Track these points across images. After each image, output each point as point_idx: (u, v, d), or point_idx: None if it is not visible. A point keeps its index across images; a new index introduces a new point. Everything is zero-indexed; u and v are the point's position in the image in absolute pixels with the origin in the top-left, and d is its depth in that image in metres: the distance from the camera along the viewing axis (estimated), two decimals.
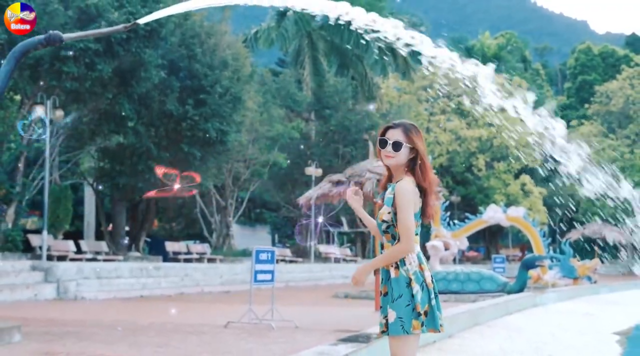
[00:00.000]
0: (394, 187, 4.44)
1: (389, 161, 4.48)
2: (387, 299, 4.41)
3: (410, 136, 4.46)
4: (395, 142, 4.43)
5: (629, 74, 63.65)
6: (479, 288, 20.88)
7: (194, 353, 8.84)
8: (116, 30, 9.05)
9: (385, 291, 4.43)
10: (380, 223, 4.47)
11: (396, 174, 4.51)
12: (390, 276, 4.42)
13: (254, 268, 12.69)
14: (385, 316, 4.39)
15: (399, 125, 4.51)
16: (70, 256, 23.33)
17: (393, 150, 4.44)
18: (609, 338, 13.25)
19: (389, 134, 4.48)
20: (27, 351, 8.69)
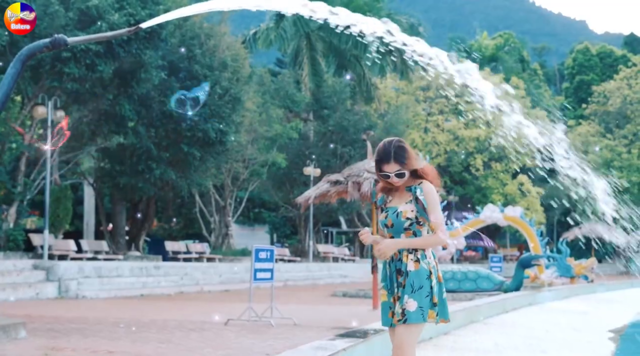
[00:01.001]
0: (420, 189, 4.90)
1: (397, 184, 4.95)
2: (406, 290, 4.77)
3: (406, 162, 4.87)
4: (397, 174, 4.87)
5: (627, 74, 63.91)
6: (476, 287, 21.10)
7: (196, 349, 9.05)
8: (120, 34, 9.21)
9: (404, 284, 4.79)
10: (402, 221, 4.87)
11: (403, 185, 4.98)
12: (409, 269, 4.81)
13: (254, 267, 12.90)
14: (402, 306, 4.75)
15: (389, 158, 4.86)
16: (71, 255, 23.58)
17: (398, 178, 4.90)
18: (603, 336, 13.47)
19: (386, 168, 4.89)
20: (34, 347, 8.90)
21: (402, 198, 4.98)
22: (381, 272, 5.11)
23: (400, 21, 40.72)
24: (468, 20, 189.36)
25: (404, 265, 4.85)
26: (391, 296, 4.94)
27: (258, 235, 50.08)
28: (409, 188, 4.96)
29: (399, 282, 4.85)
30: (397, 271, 4.88)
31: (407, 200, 4.95)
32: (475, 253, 55.11)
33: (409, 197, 4.94)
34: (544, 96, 70.92)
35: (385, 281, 4.99)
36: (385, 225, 5.01)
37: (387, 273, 4.96)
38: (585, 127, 61.92)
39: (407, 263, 4.86)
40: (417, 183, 4.94)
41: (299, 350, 7.30)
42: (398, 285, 4.85)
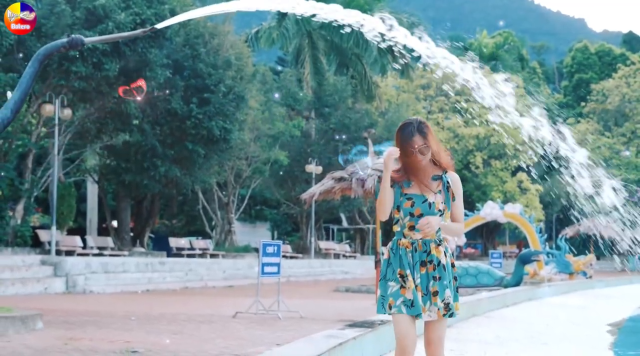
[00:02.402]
0: (448, 177, 4.85)
1: (422, 163, 4.77)
2: (447, 284, 4.74)
3: (428, 136, 4.74)
4: (421, 149, 4.72)
5: (625, 72, 64.23)
6: (477, 282, 21.42)
7: (208, 339, 9.39)
8: (135, 35, 9.55)
9: (439, 277, 4.73)
10: (435, 212, 4.75)
11: (424, 167, 4.79)
12: (443, 262, 4.76)
13: (261, 261, 13.25)
14: (443, 299, 4.71)
15: (412, 132, 4.73)
16: (77, 251, 23.91)
17: (422, 155, 4.74)
18: (602, 329, 13.80)
19: (410, 143, 4.73)
20: (52, 337, 9.24)
21: (427, 186, 4.79)
22: (393, 260, 4.83)
23: (400, 20, 40.98)
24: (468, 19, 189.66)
25: (435, 258, 4.76)
26: (415, 287, 4.74)
27: (259, 232, 50.38)
28: (437, 177, 4.82)
29: (429, 275, 4.73)
30: (422, 262, 4.76)
31: (436, 190, 4.80)
32: (475, 250, 55.44)
33: (437, 186, 4.81)
34: (543, 94, 71.20)
35: (409, 269, 4.76)
36: (410, 214, 4.80)
37: (409, 262, 4.77)
38: (584, 125, 62.22)
39: (439, 256, 4.78)
40: (443, 172, 4.84)
41: (311, 338, 7.63)
42: (429, 278, 4.73)
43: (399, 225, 4.87)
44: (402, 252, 4.78)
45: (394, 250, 4.83)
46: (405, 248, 4.78)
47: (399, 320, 4.76)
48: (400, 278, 4.75)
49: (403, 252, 4.78)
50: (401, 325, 4.76)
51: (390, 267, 4.81)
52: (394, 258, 4.82)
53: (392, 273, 4.80)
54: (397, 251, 4.81)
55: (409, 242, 4.79)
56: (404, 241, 4.80)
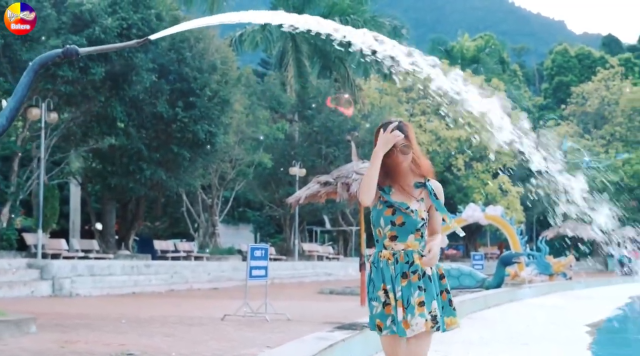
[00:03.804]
0: (430, 185, 4.58)
1: (402, 163, 4.51)
2: (432, 295, 4.44)
3: (409, 135, 4.52)
4: (403, 148, 4.49)
5: (605, 75, 64.97)
6: (459, 284, 21.71)
7: (200, 341, 9.64)
8: (129, 46, 9.72)
9: (425, 288, 4.43)
10: (418, 221, 4.49)
11: (405, 173, 4.54)
12: (428, 273, 4.46)
13: (249, 264, 13.50)
14: (430, 311, 4.39)
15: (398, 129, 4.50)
16: (63, 254, 24.04)
17: (404, 154, 4.50)
18: (580, 329, 14.12)
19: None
20: (48, 340, 9.45)
21: (409, 194, 4.53)
22: (375, 275, 4.53)
23: (383, 23, 41.44)
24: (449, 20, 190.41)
25: (419, 268, 4.45)
26: (397, 301, 4.43)
27: (242, 234, 50.60)
28: (419, 184, 4.56)
29: (412, 285, 4.41)
30: (404, 274, 4.43)
31: (418, 197, 4.53)
32: (457, 252, 55.89)
33: (419, 194, 4.54)
34: (524, 97, 71.85)
35: (390, 283, 4.46)
36: (391, 223, 4.50)
37: (392, 275, 4.46)
38: (564, 127, 62.89)
39: (423, 267, 4.46)
40: (425, 180, 4.58)
41: (302, 340, 7.91)
42: (413, 288, 4.41)
43: (379, 235, 4.56)
44: (383, 265, 4.48)
45: (376, 264, 4.53)
46: (386, 261, 4.47)
47: (389, 342, 4.51)
48: (383, 294, 4.46)
49: (384, 265, 4.48)
50: (392, 347, 4.51)
51: (372, 284, 4.54)
52: (376, 273, 4.52)
53: (373, 291, 4.52)
54: (378, 264, 4.51)
55: (390, 253, 4.48)
56: (385, 252, 4.50)
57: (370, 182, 4.43)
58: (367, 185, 4.43)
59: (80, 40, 20.86)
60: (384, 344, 4.54)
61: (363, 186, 4.45)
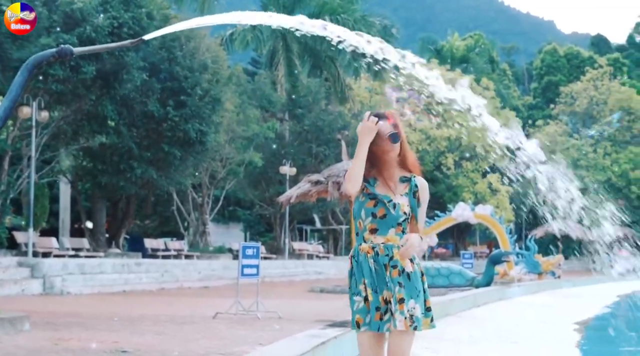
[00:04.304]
0: (416, 182, 4.44)
1: (389, 155, 4.40)
2: (411, 293, 4.29)
3: (398, 125, 4.41)
4: (393, 135, 4.36)
5: (593, 75, 65.27)
6: (449, 283, 21.85)
7: (192, 339, 9.72)
8: (123, 45, 9.79)
9: (403, 285, 4.29)
10: (399, 215, 4.35)
11: (389, 164, 4.43)
12: (408, 270, 4.32)
13: (241, 263, 13.59)
14: (408, 310, 4.25)
15: (382, 117, 4.40)
16: (54, 252, 24.05)
17: (393, 143, 4.38)
18: (569, 327, 14.27)
19: (384, 128, 4.37)
20: (41, 338, 9.51)
21: (395, 188, 4.40)
22: (356, 269, 4.41)
23: (373, 23, 41.51)
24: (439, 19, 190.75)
25: (399, 264, 4.31)
26: (378, 296, 4.31)
27: (233, 232, 50.60)
28: (405, 179, 4.43)
29: (393, 280, 4.29)
30: (385, 266, 4.30)
31: (402, 192, 4.39)
32: (446, 251, 56.09)
33: (404, 188, 4.40)
34: (513, 96, 72.20)
35: (370, 278, 4.33)
36: (372, 215, 4.37)
37: (371, 269, 4.34)
38: (552, 127, 63.18)
39: (403, 263, 4.32)
40: (412, 176, 4.44)
41: (295, 338, 8.00)
42: (393, 283, 4.28)
43: (359, 228, 4.43)
44: (362, 258, 4.37)
45: (356, 258, 4.41)
46: (366, 254, 4.36)
47: (366, 339, 4.35)
48: (364, 289, 4.33)
49: (364, 259, 4.36)
50: (369, 344, 4.35)
51: (354, 279, 4.40)
52: (357, 267, 4.40)
53: (355, 285, 4.39)
54: (359, 258, 4.39)
55: (370, 246, 4.36)
56: (364, 246, 4.38)
57: (355, 172, 4.31)
58: (352, 175, 4.31)
59: (72, 39, 20.87)
60: (362, 341, 4.37)
61: (349, 175, 4.33)
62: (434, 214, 35.78)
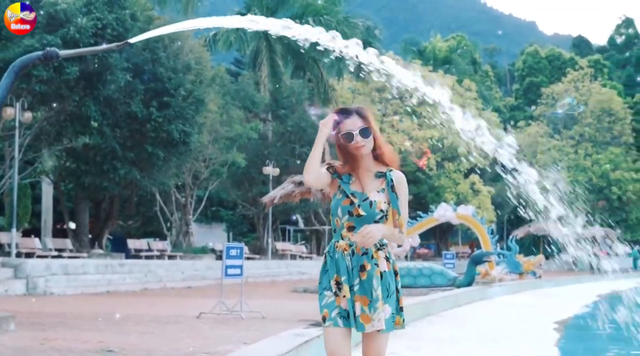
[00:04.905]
0: (392, 175, 4.36)
1: (362, 151, 4.30)
2: (382, 294, 4.24)
3: (368, 118, 4.34)
4: (362, 130, 4.28)
5: (574, 77, 65.86)
6: (431, 283, 22.03)
7: (177, 339, 9.82)
8: (109, 49, 9.92)
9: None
10: (376, 213, 4.28)
11: (364, 161, 4.36)
12: (382, 269, 4.27)
13: (225, 263, 13.70)
14: (379, 312, 4.20)
15: (350, 112, 4.36)
16: (37, 253, 24.04)
17: (363, 138, 4.29)
18: (549, 326, 14.49)
19: (348, 125, 4.30)
20: (28, 338, 9.58)
21: (370, 184, 4.33)
22: (330, 265, 4.34)
23: (356, 24, 41.72)
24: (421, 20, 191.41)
25: (378, 262, 4.25)
26: (353, 294, 4.25)
27: (216, 233, 50.68)
28: (380, 174, 4.35)
29: (377, 277, 4.24)
30: (361, 267, 4.25)
31: (378, 188, 4.31)
32: (428, 251, 56.35)
33: (380, 184, 4.33)
34: (495, 97, 72.61)
35: (347, 275, 4.26)
36: (349, 213, 4.29)
37: (348, 267, 4.27)
38: (534, 127, 63.66)
39: (380, 261, 4.26)
40: (387, 170, 4.36)
41: (279, 336, 8.12)
42: (377, 282, 4.23)
43: (337, 225, 4.37)
44: (338, 256, 4.29)
45: (331, 254, 4.34)
46: (342, 251, 4.29)
47: (331, 334, 4.25)
48: (335, 286, 4.27)
49: (340, 256, 4.28)
50: (333, 339, 4.24)
51: (327, 275, 4.34)
52: (331, 263, 4.33)
53: (327, 281, 4.32)
54: (334, 254, 4.32)
55: (347, 243, 4.28)
56: (342, 243, 4.30)
57: (311, 162, 4.33)
58: (308, 165, 4.35)
59: (55, 39, 20.89)
60: (326, 336, 4.26)
61: (305, 166, 4.38)
62: (416, 215, 36.01)
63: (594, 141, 63.16)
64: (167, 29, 9.01)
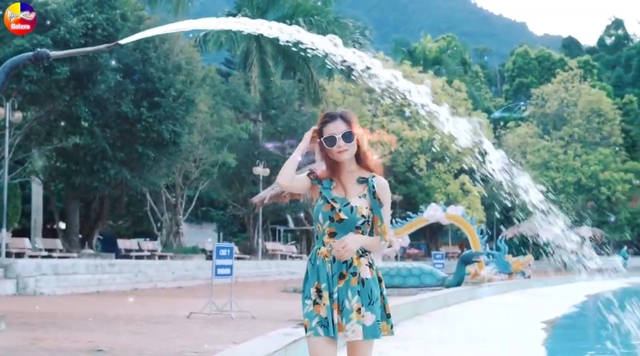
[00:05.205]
0: (374, 182, 4.26)
1: (344, 156, 4.24)
2: (363, 301, 4.14)
3: (352, 123, 4.27)
4: (345, 134, 4.22)
5: (564, 77, 66.04)
6: (420, 283, 22.13)
7: (167, 338, 9.88)
8: (99, 50, 9.97)
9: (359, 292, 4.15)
10: (357, 218, 4.18)
11: (347, 166, 4.30)
12: (364, 276, 4.17)
13: (215, 263, 13.77)
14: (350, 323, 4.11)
15: (335, 116, 4.31)
16: (27, 253, 24.03)
17: (346, 142, 4.22)
18: (537, 326, 14.60)
19: (331, 129, 4.25)
20: (18, 338, 9.62)
21: (352, 189, 4.24)
22: (311, 273, 4.25)
23: (347, 25, 41.80)
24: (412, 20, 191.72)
25: (357, 270, 4.16)
26: (333, 301, 4.15)
27: (206, 233, 50.67)
28: (362, 180, 4.26)
29: (351, 288, 4.14)
30: (341, 275, 4.16)
31: (360, 193, 4.22)
32: (418, 251, 56.47)
33: (362, 190, 4.23)
34: (485, 98, 72.82)
35: (327, 282, 4.18)
36: (330, 218, 4.20)
37: (328, 274, 4.19)
38: (524, 128, 63.89)
39: (361, 268, 4.17)
40: (370, 176, 4.27)
41: (268, 336, 8.20)
42: (351, 292, 4.13)
43: (319, 231, 4.30)
44: (319, 263, 4.21)
45: (313, 261, 4.25)
46: (324, 258, 4.20)
47: (313, 344, 4.16)
48: (315, 293, 4.18)
49: (321, 263, 4.20)
50: (316, 348, 4.15)
51: (308, 282, 4.25)
52: (312, 270, 4.25)
53: (308, 289, 4.23)
54: (315, 261, 4.24)
55: (328, 250, 4.20)
56: (323, 250, 4.22)
57: (286, 166, 4.38)
58: (283, 168, 4.39)
59: (45, 40, 20.89)
60: (309, 345, 4.20)
61: (282, 169, 4.39)
62: (406, 215, 36.12)
63: (583, 142, 63.40)
64: (158, 30, 9.07)
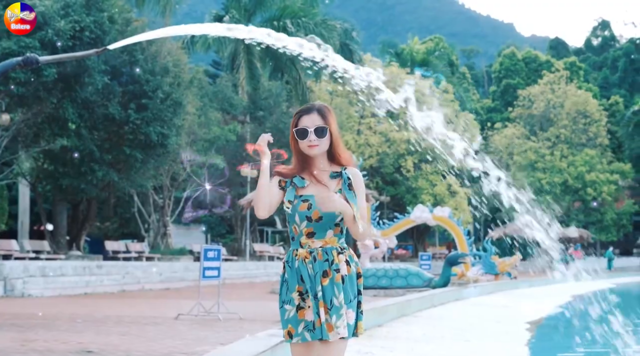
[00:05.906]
0: (348, 173, 4.19)
1: (314, 151, 4.16)
2: (345, 299, 4.06)
3: (328, 118, 4.18)
4: (318, 128, 4.14)
5: (550, 79, 66.45)
6: (407, 284, 22.26)
7: (156, 339, 9.98)
8: (89, 55, 10.02)
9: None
10: (335, 215, 4.09)
11: (318, 161, 4.22)
12: (343, 273, 4.08)
13: (202, 265, 13.88)
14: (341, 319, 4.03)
15: (311, 109, 4.23)
16: (15, 255, 24.05)
17: (318, 137, 4.15)
18: (521, 326, 14.80)
19: (305, 121, 4.17)
20: (7, 339, 9.71)
21: (324, 186, 4.15)
22: (290, 276, 4.12)
23: (334, 26, 41.92)
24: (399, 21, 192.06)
25: (340, 267, 4.07)
26: (318, 301, 4.02)
27: (194, 234, 50.72)
28: (335, 174, 4.19)
29: (335, 285, 4.04)
30: (324, 273, 4.05)
31: (335, 189, 4.13)
32: (406, 252, 56.65)
33: (337, 185, 4.15)
34: (472, 99, 73.09)
35: (311, 283, 4.06)
36: (307, 218, 4.11)
37: (310, 274, 4.06)
38: (511, 129, 64.22)
39: (340, 265, 4.07)
40: (342, 169, 4.20)
41: (255, 337, 8.32)
42: (337, 289, 4.04)
43: (295, 232, 4.18)
44: (299, 264, 4.09)
45: (290, 264, 4.13)
46: (303, 259, 4.09)
47: (298, 351, 4.10)
48: (298, 297, 4.06)
49: (301, 264, 4.08)
50: (300, 353, 4.10)
51: (285, 285, 4.13)
52: (291, 273, 4.12)
53: (286, 293, 4.12)
54: (293, 264, 4.12)
55: (307, 251, 4.09)
56: (302, 251, 4.10)
57: (259, 195, 4.19)
58: (257, 200, 4.19)
59: (33, 42, 20.95)
60: (294, 353, 4.11)
61: (254, 202, 4.19)
62: (393, 216, 36.23)
63: (569, 143, 63.80)
64: (148, 35, 9.17)
